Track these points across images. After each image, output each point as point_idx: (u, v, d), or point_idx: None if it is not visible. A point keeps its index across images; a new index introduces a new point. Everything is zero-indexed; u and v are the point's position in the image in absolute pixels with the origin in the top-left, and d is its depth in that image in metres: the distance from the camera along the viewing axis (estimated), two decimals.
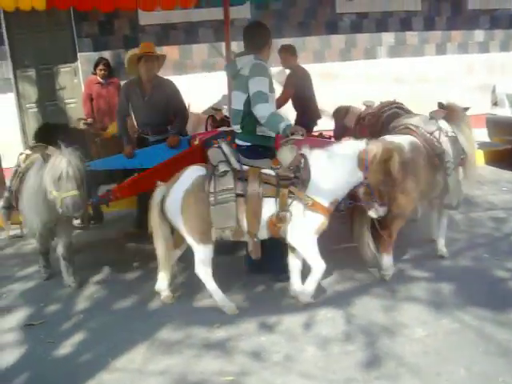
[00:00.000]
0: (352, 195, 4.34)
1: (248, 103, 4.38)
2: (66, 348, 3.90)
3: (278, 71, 7.33)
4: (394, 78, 9.87)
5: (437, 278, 4.64)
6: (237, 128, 4.62)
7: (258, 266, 4.58)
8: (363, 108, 6.51)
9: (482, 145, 8.87)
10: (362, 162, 4.12)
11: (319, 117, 7.32)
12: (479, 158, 8.57)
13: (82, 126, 7.36)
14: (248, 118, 4.46)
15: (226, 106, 7.65)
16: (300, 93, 7.01)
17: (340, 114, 6.87)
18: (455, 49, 10.69)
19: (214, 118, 6.77)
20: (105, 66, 8.10)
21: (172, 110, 5.95)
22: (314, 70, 6.43)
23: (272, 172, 4.16)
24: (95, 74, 8.11)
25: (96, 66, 8.02)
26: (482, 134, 8.81)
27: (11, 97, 8.98)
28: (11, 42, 8.84)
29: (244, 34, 4.79)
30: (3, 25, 8.66)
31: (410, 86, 9.65)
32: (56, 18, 8.86)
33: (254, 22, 5.31)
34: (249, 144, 4.53)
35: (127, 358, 3.72)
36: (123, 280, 4.89)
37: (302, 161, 4.15)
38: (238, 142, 4.63)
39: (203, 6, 8.04)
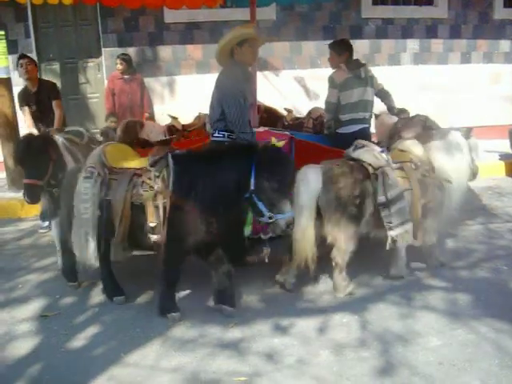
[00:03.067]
0: None
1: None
2: (79, 340, 3.93)
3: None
4: (417, 85, 9.81)
5: (454, 288, 4.60)
6: (368, 115, 5.99)
7: None
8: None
9: (503, 156, 8.79)
10: None
11: None
12: (500, 169, 8.50)
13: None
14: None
15: None
16: None
17: (133, 128, 6.59)
18: (480, 58, 10.59)
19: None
20: (123, 60, 8.18)
21: None
22: None
23: None
24: None
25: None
26: (503, 145, 8.75)
27: None
28: (37, 35, 8.92)
29: (350, 48, 6.22)
30: (30, 18, 8.74)
31: (434, 94, 9.59)
32: (82, 13, 8.94)
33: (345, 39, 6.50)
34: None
35: (140, 354, 3.72)
36: (140, 275, 4.89)
37: None
38: (365, 126, 5.97)
39: (229, 6, 8.04)
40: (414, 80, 9.95)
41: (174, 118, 7.28)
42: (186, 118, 7.51)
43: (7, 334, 4.05)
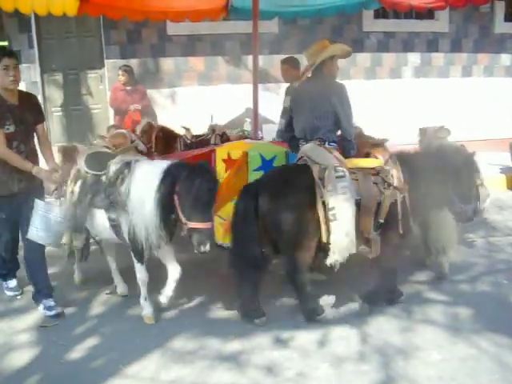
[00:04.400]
0: None
1: None
2: (78, 351, 3.91)
3: None
4: (418, 98, 9.84)
5: (454, 301, 4.59)
6: None
7: None
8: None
9: (504, 169, 8.79)
10: None
11: None
12: (501, 182, 8.51)
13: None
14: None
15: (248, 119, 7.69)
16: None
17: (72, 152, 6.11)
18: (481, 72, 10.64)
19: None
20: (124, 72, 8.24)
21: None
22: None
23: None
24: None
25: None
26: (504, 159, 8.76)
27: None
28: (40, 46, 8.95)
29: None
30: (33, 29, 8.77)
31: (434, 107, 9.60)
32: (85, 25, 8.97)
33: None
34: None
35: (139, 366, 3.71)
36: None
37: None
38: None
39: (231, 19, 8.07)
40: (415, 93, 9.99)
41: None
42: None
43: (6, 344, 4.03)
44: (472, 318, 4.29)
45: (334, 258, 4.09)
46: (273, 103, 7.04)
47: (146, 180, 4.08)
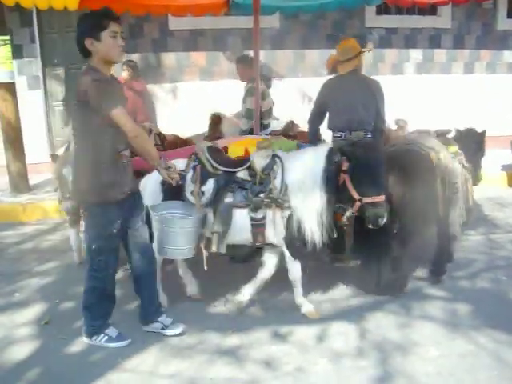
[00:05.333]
0: None
1: None
2: (77, 345, 3.93)
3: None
4: (420, 94, 9.83)
5: (453, 298, 4.59)
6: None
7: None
8: None
9: (505, 167, 8.78)
10: None
11: None
12: (502, 179, 8.50)
13: None
14: None
15: None
16: None
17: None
18: (483, 68, 10.62)
19: None
20: (129, 67, 8.25)
21: None
22: None
23: None
24: None
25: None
26: (506, 156, 8.74)
27: (39, 94, 9.09)
28: (42, 40, 8.95)
29: None
30: (35, 23, 8.77)
31: (436, 104, 9.60)
32: None
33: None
34: None
35: (138, 359, 3.73)
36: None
37: None
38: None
39: (233, 14, 8.06)
40: (417, 89, 9.98)
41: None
42: (189, 126, 7.53)
43: (6, 337, 4.05)
44: (471, 315, 4.29)
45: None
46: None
47: (304, 170, 4.04)
